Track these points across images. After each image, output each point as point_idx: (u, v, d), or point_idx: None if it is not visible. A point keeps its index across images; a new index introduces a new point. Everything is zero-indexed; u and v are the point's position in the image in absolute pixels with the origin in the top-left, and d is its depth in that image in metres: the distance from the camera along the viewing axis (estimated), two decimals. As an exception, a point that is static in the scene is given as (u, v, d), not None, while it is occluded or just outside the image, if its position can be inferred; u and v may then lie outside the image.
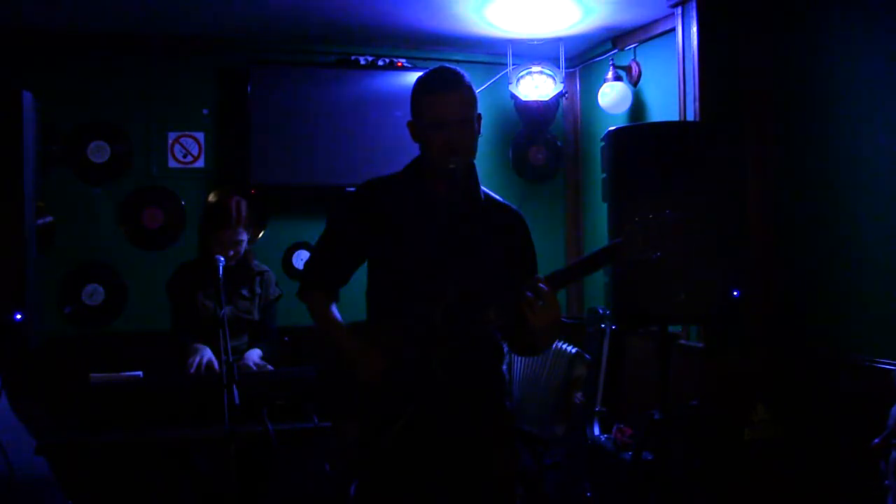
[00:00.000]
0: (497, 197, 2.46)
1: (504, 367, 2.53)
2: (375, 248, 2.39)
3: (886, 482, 2.77)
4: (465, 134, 2.26)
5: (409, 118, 2.36)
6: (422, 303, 2.25)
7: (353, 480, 2.47)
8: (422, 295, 2.26)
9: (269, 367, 3.59)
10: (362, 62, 4.74)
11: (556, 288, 2.11)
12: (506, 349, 2.52)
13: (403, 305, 2.30)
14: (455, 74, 2.30)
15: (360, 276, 2.48)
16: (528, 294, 2.08)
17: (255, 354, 3.64)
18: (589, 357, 4.08)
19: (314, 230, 4.83)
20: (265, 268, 3.90)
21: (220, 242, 3.60)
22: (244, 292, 3.76)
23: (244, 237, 3.67)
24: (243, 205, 3.68)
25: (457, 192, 2.32)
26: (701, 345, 3.83)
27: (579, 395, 4.02)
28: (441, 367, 2.22)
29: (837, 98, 3.43)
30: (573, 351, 4.39)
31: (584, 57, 5.04)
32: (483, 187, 2.42)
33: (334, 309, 2.45)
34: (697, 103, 3.81)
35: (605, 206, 3.31)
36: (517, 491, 2.48)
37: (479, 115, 2.33)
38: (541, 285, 2.08)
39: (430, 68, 2.37)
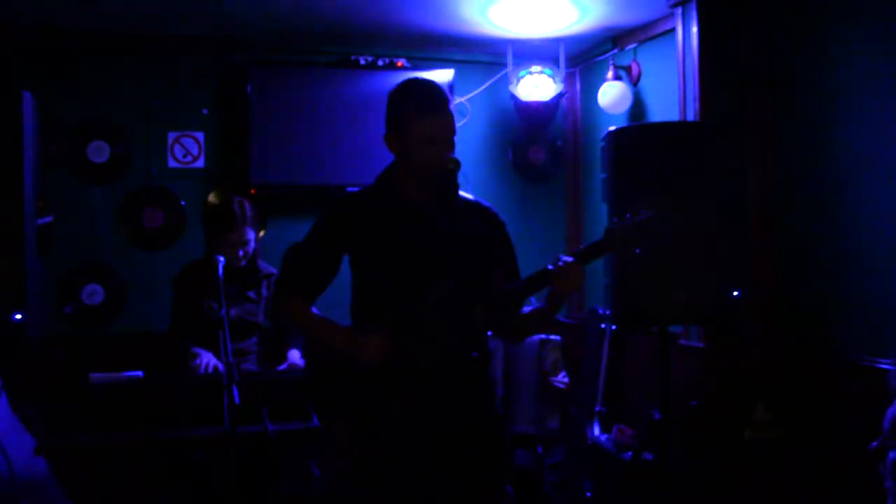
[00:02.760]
0: (469, 196, 2.49)
1: (499, 371, 2.56)
2: (360, 259, 2.42)
3: (886, 484, 2.77)
4: (452, 148, 2.34)
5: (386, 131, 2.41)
6: (409, 306, 2.28)
7: (344, 481, 2.48)
8: (408, 300, 2.29)
9: None
10: (362, 62, 4.74)
11: (582, 262, 2.26)
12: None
13: (391, 310, 2.33)
14: (443, 93, 2.35)
15: (340, 283, 2.50)
16: (560, 264, 2.23)
17: (296, 355, 3.67)
18: (559, 339, 4.07)
19: (314, 230, 4.85)
20: (273, 270, 3.88)
21: (227, 244, 3.59)
22: (251, 294, 3.75)
23: (251, 237, 3.66)
24: (247, 204, 3.67)
25: (435, 196, 2.36)
26: (701, 345, 3.83)
27: (561, 375, 4.01)
28: (430, 366, 2.23)
29: (837, 98, 3.43)
30: (537, 340, 4.35)
31: (584, 57, 5.04)
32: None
33: (316, 311, 2.48)
34: (697, 103, 3.81)
35: (605, 206, 3.31)
36: (508, 493, 2.48)
37: None
38: (568, 258, 2.24)
39: (408, 81, 2.40)
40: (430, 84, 2.37)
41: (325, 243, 2.46)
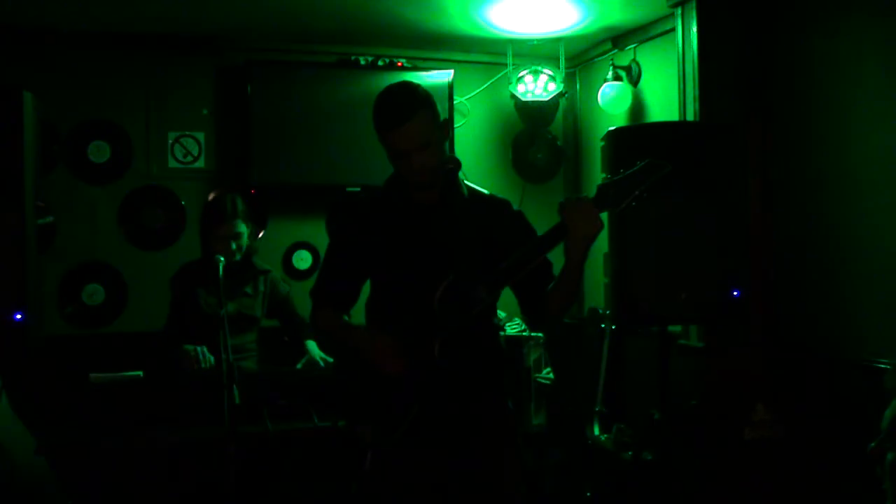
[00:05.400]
0: (482, 191, 2.50)
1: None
2: (372, 263, 2.44)
3: (884, 485, 2.77)
4: (427, 156, 2.27)
5: None
6: (418, 302, 2.29)
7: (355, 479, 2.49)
8: (417, 297, 2.29)
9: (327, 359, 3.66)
10: (362, 62, 4.74)
11: (598, 205, 2.22)
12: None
13: (400, 310, 2.35)
14: (403, 105, 2.26)
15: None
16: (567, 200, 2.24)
17: (314, 346, 3.72)
18: (541, 336, 4.06)
19: (314, 230, 4.84)
20: (267, 268, 3.91)
21: (219, 238, 3.60)
22: (247, 290, 3.77)
23: (243, 230, 3.67)
24: (239, 199, 3.70)
25: (440, 195, 2.37)
26: (701, 345, 3.83)
27: (545, 372, 4.00)
28: (441, 352, 2.24)
29: (838, 98, 3.43)
30: (519, 337, 4.34)
31: (584, 57, 5.04)
32: (469, 183, 2.47)
33: (344, 319, 2.51)
34: (697, 103, 3.81)
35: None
36: (522, 489, 2.49)
37: (444, 122, 2.35)
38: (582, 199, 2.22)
39: (378, 95, 2.33)
40: (389, 97, 2.29)
41: (342, 252, 2.49)
